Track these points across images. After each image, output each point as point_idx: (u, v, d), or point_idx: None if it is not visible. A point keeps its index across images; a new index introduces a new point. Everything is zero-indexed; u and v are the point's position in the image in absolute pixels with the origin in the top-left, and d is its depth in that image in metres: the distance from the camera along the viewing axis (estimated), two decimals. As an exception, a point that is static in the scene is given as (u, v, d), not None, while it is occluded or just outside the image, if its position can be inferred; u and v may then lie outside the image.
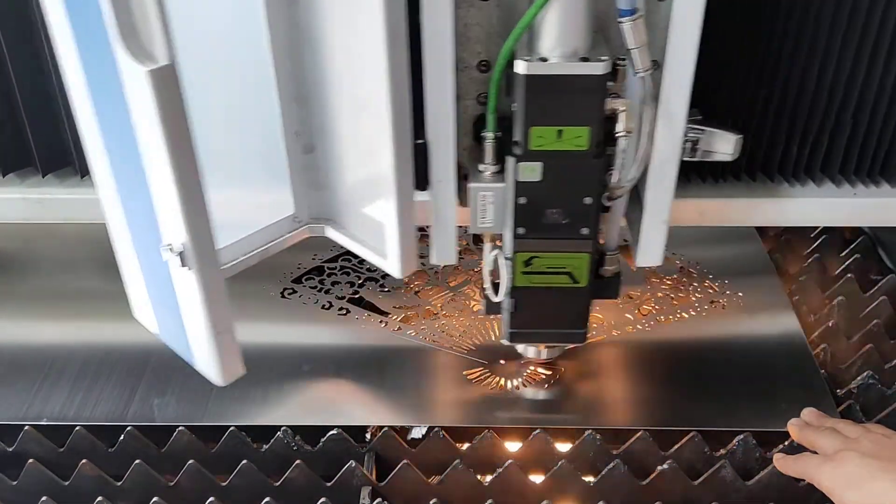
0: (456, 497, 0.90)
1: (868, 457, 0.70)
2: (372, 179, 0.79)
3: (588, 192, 0.77)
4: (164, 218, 0.69)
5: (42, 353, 1.05)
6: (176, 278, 0.73)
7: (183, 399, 0.98)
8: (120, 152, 0.71)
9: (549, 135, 0.73)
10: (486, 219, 0.80)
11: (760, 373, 1.01)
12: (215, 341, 0.76)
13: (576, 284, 0.82)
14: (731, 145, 0.80)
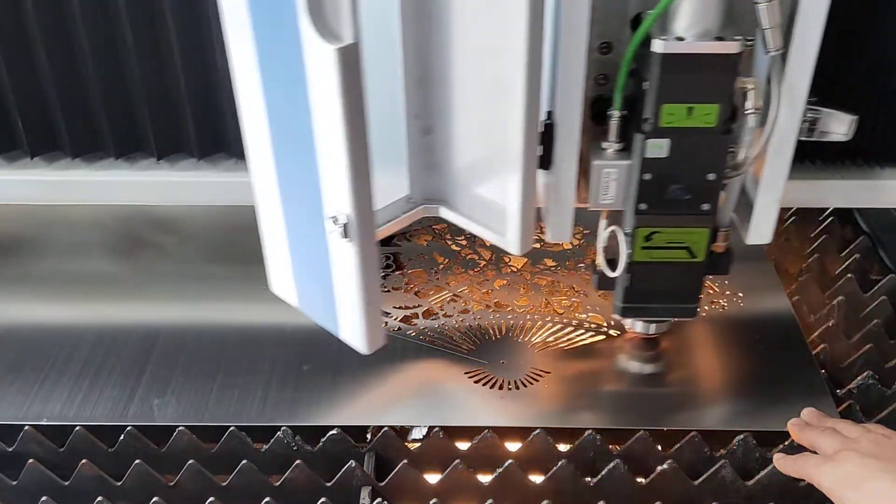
0: (456, 497, 0.90)
1: (868, 457, 0.70)
2: (494, 159, 0.82)
3: (712, 169, 0.80)
4: (331, 191, 0.73)
5: (53, 335, 1.07)
6: (334, 250, 0.77)
7: (191, 379, 1.00)
8: (286, 130, 0.75)
9: (680, 112, 0.77)
10: (607, 195, 0.83)
11: (760, 373, 1.01)
12: (365, 311, 0.80)
13: (693, 259, 0.86)
14: (845, 126, 0.83)
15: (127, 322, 1.09)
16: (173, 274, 1.17)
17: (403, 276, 1.16)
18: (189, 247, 1.23)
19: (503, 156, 0.79)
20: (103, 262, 1.20)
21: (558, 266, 1.18)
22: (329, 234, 0.75)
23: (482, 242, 1.23)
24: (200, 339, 1.06)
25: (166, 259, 1.20)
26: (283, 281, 0.89)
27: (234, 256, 1.20)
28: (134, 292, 1.14)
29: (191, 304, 1.13)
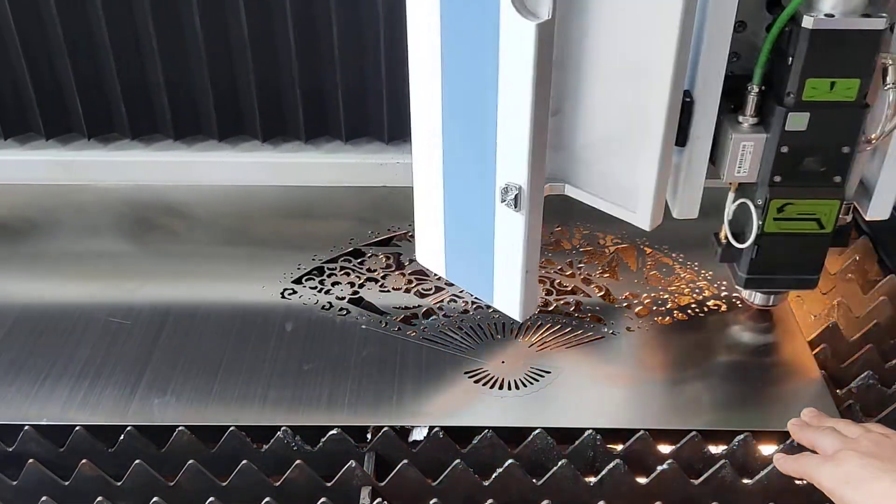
0: (456, 497, 0.90)
1: (868, 456, 0.70)
2: (626, 138, 0.85)
3: (848, 142, 0.84)
4: (507, 163, 0.79)
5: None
6: (500, 220, 0.83)
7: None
8: (462, 103, 0.81)
9: (823, 86, 0.80)
10: (741, 168, 0.86)
11: (760, 373, 1.01)
12: (524, 279, 0.85)
13: (822, 230, 0.89)
14: None
15: (137, 300, 1.12)
16: (181, 255, 1.21)
17: (403, 276, 1.16)
18: (198, 230, 1.26)
19: (638, 134, 0.83)
20: (114, 243, 1.23)
21: (558, 266, 1.18)
22: (499, 205, 0.80)
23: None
24: (207, 322, 1.09)
25: (175, 242, 1.24)
26: (431, 252, 0.94)
27: (243, 240, 1.24)
28: (144, 273, 1.17)
29: (201, 284, 1.16)
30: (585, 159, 0.90)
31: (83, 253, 1.21)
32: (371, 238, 1.23)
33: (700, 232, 1.25)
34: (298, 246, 1.22)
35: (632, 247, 1.22)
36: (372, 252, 1.21)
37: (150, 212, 1.29)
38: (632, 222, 0.89)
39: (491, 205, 0.81)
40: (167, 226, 1.26)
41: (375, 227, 1.25)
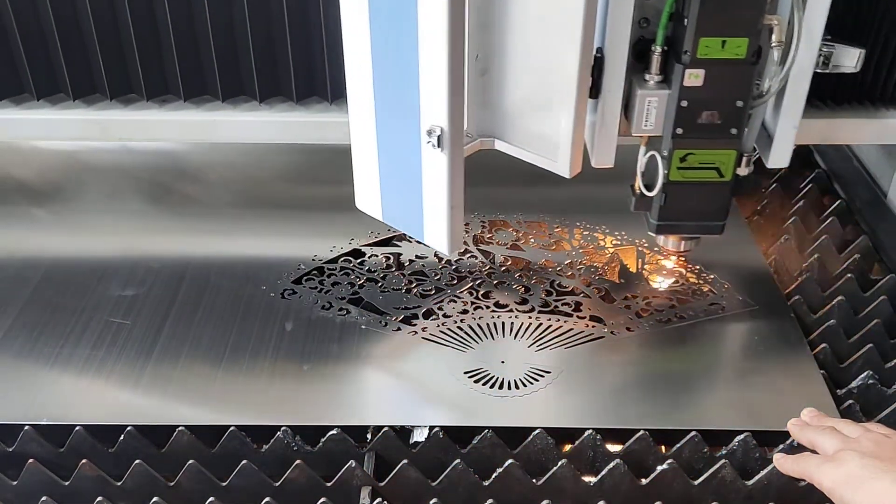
0: (456, 497, 0.90)
1: (868, 456, 0.70)
2: (547, 93, 0.93)
3: (741, 96, 0.91)
4: (429, 106, 0.86)
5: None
6: (426, 160, 0.90)
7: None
8: (389, 55, 0.88)
9: (715, 45, 0.88)
10: (648, 122, 0.94)
11: (760, 373, 1.01)
12: (450, 215, 0.92)
13: (721, 179, 0.96)
14: (854, 59, 0.96)
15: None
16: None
17: (403, 276, 1.16)
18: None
19: (556, 89, 0.91)
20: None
21: (558, 266, 1.18)
22: (424, 145, 0.88)
23: (482, 242, 1.23)
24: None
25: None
26: (369, 197, 1.01)
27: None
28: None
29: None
30: (512, 115, 0.99)
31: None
32: (371, 238, 1.23)
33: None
34: (297, 245, 1.22)
35: (632, 247, 1.22)
36: (372, 252, 1.21)
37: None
38: (553, 171, 0.97)
39: (417, 147, 0.89)
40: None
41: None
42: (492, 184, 1.35)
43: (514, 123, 0.99)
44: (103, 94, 1.14)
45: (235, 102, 1.15)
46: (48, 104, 1.14)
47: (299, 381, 1.01)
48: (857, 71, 0.97)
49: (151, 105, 1.15)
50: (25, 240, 1.24)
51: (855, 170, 1.36)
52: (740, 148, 0.94)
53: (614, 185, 1.37)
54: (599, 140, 0.97)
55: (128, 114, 1.13)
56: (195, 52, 1.12)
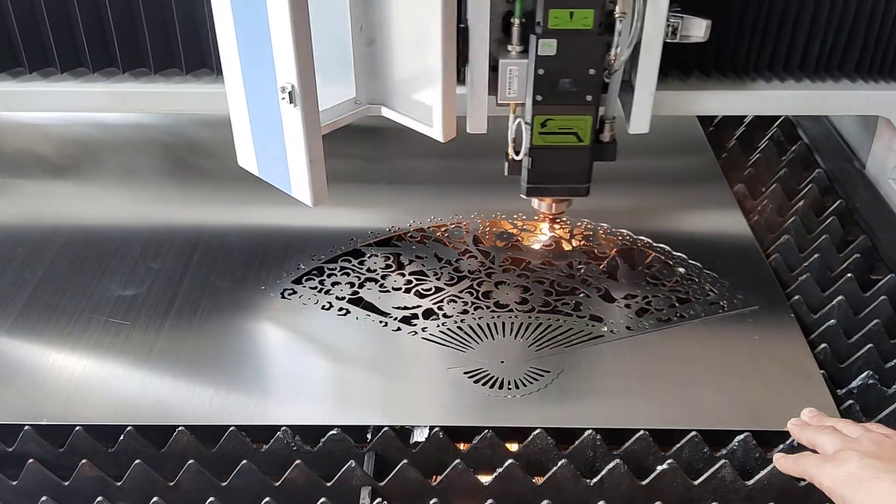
0: (456, 497, 0.90)
1: (868, 456, 0.70)
2: (423, 62, 0.99)
3: (592, 65, 0.97)
4: (281, 65, 0.92)
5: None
6: (284, 116, 0.96)
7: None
8: (247, 20, 0.94)
9: (564, 16, 0.94)
10: (511, 90, 1.00)
11: (760, 373, 1.01)
12: (309, 168, 0.98)
13: (581, 143, 1.02)
14: (702, 30, 1.02)
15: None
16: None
17: (403, 276, 1.16)
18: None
19: (428, 58, 0.97)
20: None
21: (558, 266, 1.18)
22: (280, 102, 0.94)
23: (482, 242, 1.23)
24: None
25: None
26: (247, 154, 1.07)
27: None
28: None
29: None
30: (396, 83, 1.05)
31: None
32: (371, 238, 1.23)
33: (700, 232, 1.26)
34: (297, 245, 1.22)
35: (631, 247, 1.22)
36: (372, 252, 1.21)
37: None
38: (430, 135, 1.02)
39: (276, 104, 0.95)
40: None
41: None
42: (492, 184, 1.36)
43: (398, 91, 1.06)
44: (117, 67, 1.22)
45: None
46: (71, 77, 1.22)
47: (299, 381, 1.01)
48: (704, 40, 1.03)
49: (159, 78, 1.23)
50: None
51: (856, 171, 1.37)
52: (595, 114, 1.00)
53: (614, 185, 1.38)
54: (471, 107, 1.04)
55: (140, 86, 1.21)
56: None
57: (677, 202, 1.33)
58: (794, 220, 1.24)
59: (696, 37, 1.03)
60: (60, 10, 1.18)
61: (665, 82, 1.16)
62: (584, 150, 1.03)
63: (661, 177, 1.39)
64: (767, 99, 1.19)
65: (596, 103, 1.00)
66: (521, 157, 1.03)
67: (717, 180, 1.37)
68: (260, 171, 1.07)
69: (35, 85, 1.22)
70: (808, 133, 1.46)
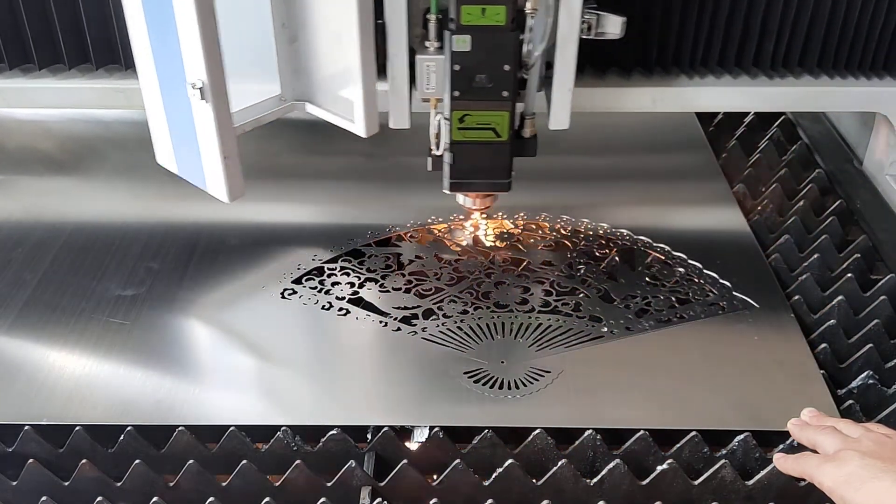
0: (456, 497, 0.90)
1: (869, 456, 0.70)
2: (343, 57, 1.00)
3: (506, 61, 0.96)
4: (190, 62, 0.92)
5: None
6: (196, 112, 0.96)
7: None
8: (158, 20, 0.94)
9: (476, 12, 0.93)
10: (430, 85, 1.00)
11: (760, 373, 1.01)
12: (223, 164, 0.98)
13: (499, 139, 1.01)
14: (618, 26, 1.02)
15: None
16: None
17: (403, 276, 1.16)
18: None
19: (348, 54, 0.98)
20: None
21: (558, 267, 1.18)
22: (191, 99, 0.94)
23: (482, 243, 1.23)
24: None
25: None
26: (165, 153, 1.07)
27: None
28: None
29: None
30: (320, 80, 1.07)
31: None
32: (371, 238, 1.23)
33: (699, 233, 1.26)
34: (298, 246, 1.22)
35: (631, 247, 1.22)
36: (372, 252, 1.21)
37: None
38: (352, 131, 1.04)
39: (188, 101, 0.95)
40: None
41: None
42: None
43: (321, 87, 1.07)
44: (121, 64, 1.23)
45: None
46: (78, 73, 1.24)
47: (299, 381, 1.01)
48: (620, 37, 1.03)
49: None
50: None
51: (857, 171, 1.37)
52: (512, 109, 1.00)
53: (614, 185, 1.38)
54: (392, 103, 1.03)
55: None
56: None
57: (677, 202, 1.33)
58: (794, 220, 1.24)
59: (612, 34, 1.03)
60: (67, 7, 1.18)
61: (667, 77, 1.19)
62: (504, 145, 1.02)
63: (661, 177, 1.39)
64: (765, 96, 1.20)
65: (512, 99, 0.99)
66: (442, 152, 1.03)
67: (716, 180, 1.37)
68: (178, 168, 1.07)
69: (38, 81, 1.22)
70: (808, 133, 1.46)
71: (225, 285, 1.15)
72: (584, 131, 1.33)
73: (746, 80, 1.20)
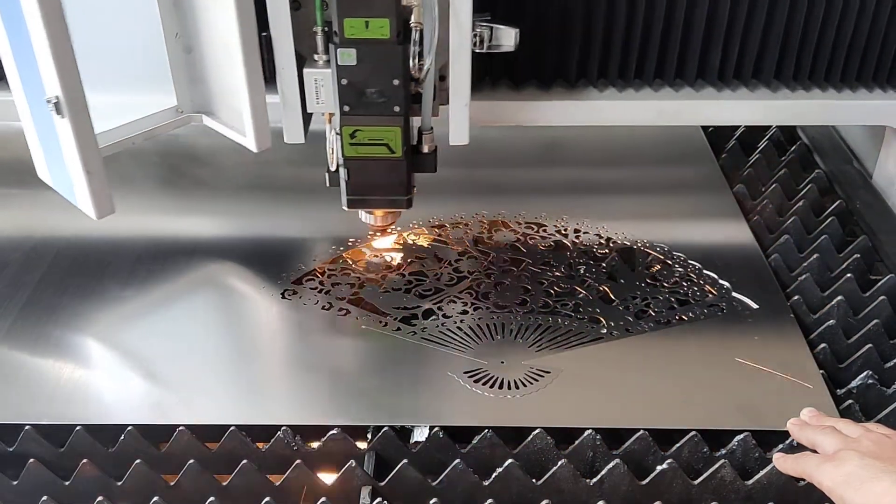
0: (456, 497, 0.90)
1: (868, 456, 0.70)
2: (232, 69, 0.98)
3: (395, 75, 0.93)
4: (46, 77, 0.91)
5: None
6: (58, 128, 0.95)
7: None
8: (17, 38, 0.92)
9: (359, 25, 0.90)
10: (320, 100, 0.97)
11: (760, 372, 1.01)
12: (87, 180, 0.96)
13: (393, 155, 0.98)
14: (511, 39, 0.99)
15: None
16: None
17: (403, 276, 1.16)
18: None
19: (236, 67, 0.97)
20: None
21: (558, 266, 1.18)
22: (52, 114, 0.92)
23: (482, 242, 1.23)
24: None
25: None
26: (41, 166, 1.06)
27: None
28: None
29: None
30: (213, 91, 1.05)
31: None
32: (371, 238, 1.23)
33: (699, 233, 1.26)
34: (298, 246, 1.22)
35: (631, 247, 1.22)
36: (372, 252, 1.21)
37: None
38: (244, 145, 1.03)
39: (50, 116, 0.93)
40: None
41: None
42: (492, 184, 1.36)
43: (216, 100, 1.05)
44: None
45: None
46: None
47: (300, 381, 1.01)
48: (514, 50, 1.00)
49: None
50: (41, 221, 1.26)
51: (856, 172, 1.37)
52: (405, 125, 0.97)
53: (614, 185, 1.38)
54: (285, 117, 1.01)
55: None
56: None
57: (676, 202, 1.33)
58: (793, 220, 1.24)
59: (506, 46, 0.99)
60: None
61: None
62: (399, 161, 0.99)
63: (660, 177, 1.39)
64: (775, 108, 1.18)
65: (404, 114, 0.96)
66: (335, 168, 1.01)
67: (716, 180, 1.37)
68: (53, 182, 1.04)
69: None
70: (808, 133, 1.46)
71: (225, 285, 1.15)
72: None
73: (755, 94, 1.19)
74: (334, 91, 0.95)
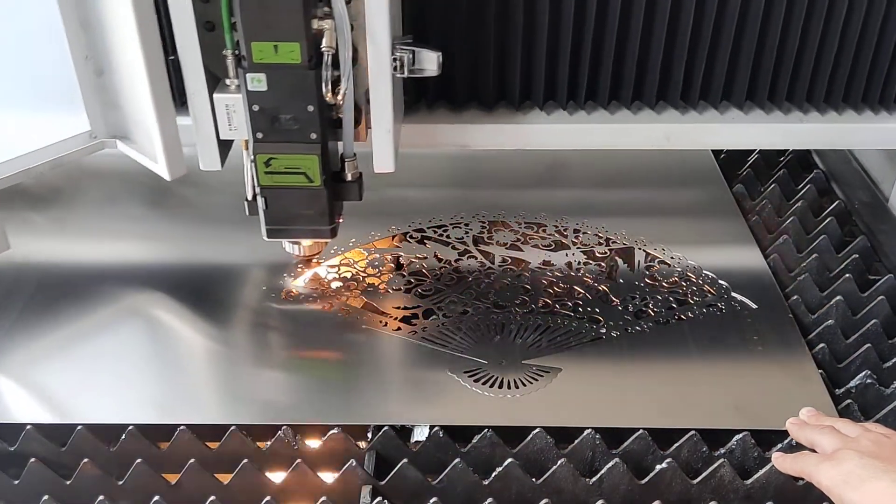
0: (456, 497, 0.90)
1: (867, 456, 0.70)
2: (142, 93, 0.94)
3: (309, 101, 0.89)
4: None
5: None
6: None
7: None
8: None
9: (268, 49, 0.86)
10: (232, 126, 0.92)
11: (759, 372, 1.02)
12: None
13: (312, 184, 0.94)
14: (434, 63, 0.94)
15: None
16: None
17: (403, 276, 1.17)
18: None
19: (144, 90, 0.93)
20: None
21: (558, 266, 1.18)
22: None
23: (482, 242, 1.23)
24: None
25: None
26: None
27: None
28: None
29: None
30: (126, 116, 1.01)
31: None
32: (371, 238, 1.23)
33: (698, 233, 1.26)
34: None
35: (631, 247, 1.22)
36: (372, 252, 1.21)
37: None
38: (157, 172, 0.98)
39: None
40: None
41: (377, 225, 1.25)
42: (492, 185, 1.36)
43: (129, 125, 1.01)
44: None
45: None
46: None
47: (300, 381, 1.01)
48: (437, 74, 0.95)
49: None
50: (24, 244, 1.21)
51: (854, 171, 1.37)
52: (323, 152, 0.92)
53: (614, 186, 1.38)
54: (200, 143, 0.95)
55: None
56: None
57: (675, 201, 1.33)
58: (792, 220, 1.24)
59: (430, 70, 0.94)
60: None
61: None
62: (319, 191, 0.94)
63: (658, 176, 1.39)
64: (787, 133, 1.15)
65: (322, 141, 0.92)
66: (250, 197, 0.97)
67: (715, 180, 1.38)
68: None
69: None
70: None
71: (226, 285, 1.15)
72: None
73: (768, 117, 1.15)
74: (246, 117, 0.91)
